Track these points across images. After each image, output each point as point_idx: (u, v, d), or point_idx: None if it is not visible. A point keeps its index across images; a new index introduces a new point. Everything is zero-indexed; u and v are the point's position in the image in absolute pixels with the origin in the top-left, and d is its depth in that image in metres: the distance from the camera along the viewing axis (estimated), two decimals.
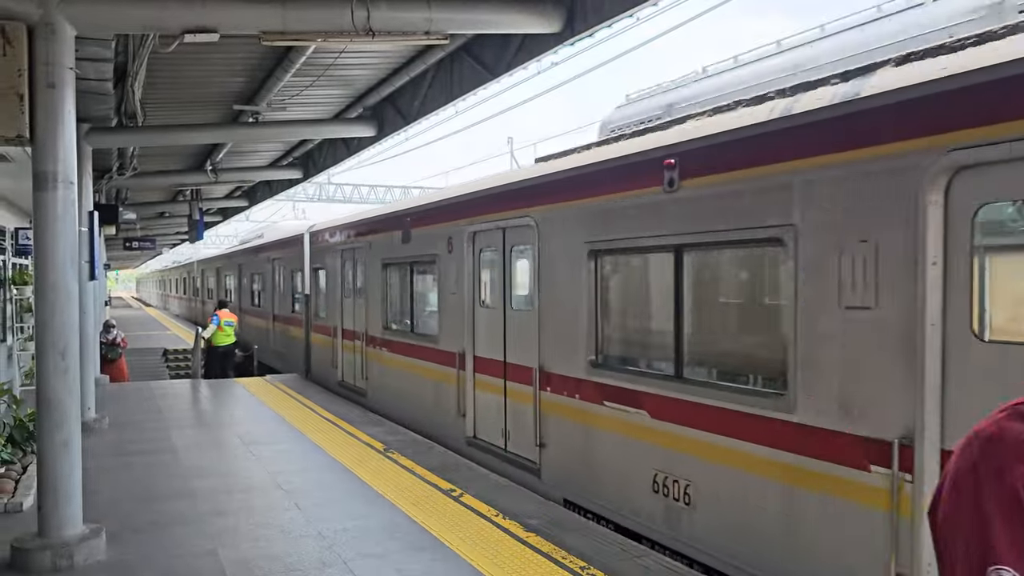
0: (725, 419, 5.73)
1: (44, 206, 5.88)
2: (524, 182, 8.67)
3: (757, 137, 5.48)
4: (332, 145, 15.49)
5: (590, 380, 7.37)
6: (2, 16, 5.64)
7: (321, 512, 7.20)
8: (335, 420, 11.88)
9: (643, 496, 6.58)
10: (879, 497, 4.59)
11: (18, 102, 5.66)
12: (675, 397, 6.26)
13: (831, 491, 4.91)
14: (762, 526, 5.44)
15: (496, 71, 8.98)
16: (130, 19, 6.44)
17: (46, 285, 5.92)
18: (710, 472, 5.91)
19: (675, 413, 6.26)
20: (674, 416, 6.27)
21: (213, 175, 17.05)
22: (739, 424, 5.60)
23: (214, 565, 5.92)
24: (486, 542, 6.36)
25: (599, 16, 7.21)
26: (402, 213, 12.23)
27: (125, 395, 14.98)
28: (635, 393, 6.74)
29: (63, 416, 5.96)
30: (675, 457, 6.27)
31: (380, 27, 6.84)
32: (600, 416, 7.21)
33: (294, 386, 15.93)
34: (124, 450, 10.01)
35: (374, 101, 12.01)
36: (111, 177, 15.51)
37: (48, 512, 5.93)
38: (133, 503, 7.61)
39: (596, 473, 7.34)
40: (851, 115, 4.87)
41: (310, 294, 17.51)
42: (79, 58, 7.46)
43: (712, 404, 5.88)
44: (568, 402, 7.70)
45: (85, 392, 11.30)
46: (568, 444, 7.76)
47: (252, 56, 9.59)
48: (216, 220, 30.91)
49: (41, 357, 5.96)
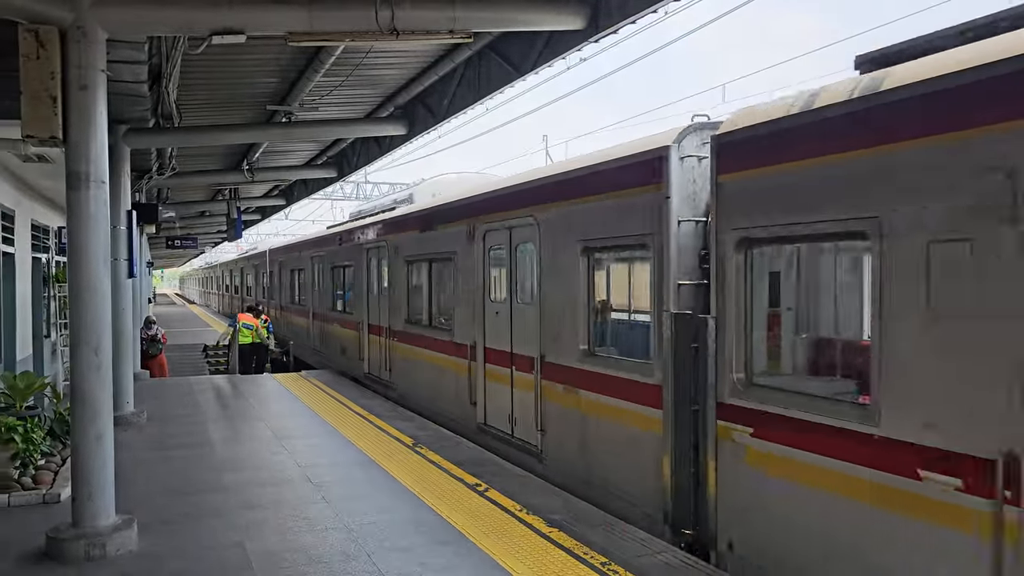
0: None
1: (77, 205, 6.04)
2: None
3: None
4: (365, 144, 15.64)
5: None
6: (35, 20, 5.80)
7: (348, 506, 7.30)
8: (366, 415, 12.02)
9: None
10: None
11: (51, 104, 5.82)
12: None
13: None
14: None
15: (522, 69, 9.00)
16: (160, 21, 6.57)
17: (80, 282, 6.09)
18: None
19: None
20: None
21: (249, 175, 17.30)
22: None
23: (241, 557, 6.04)
24: (509, 537, 6.40)
25: (623, 13, 7.20)
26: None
27: (164, 390, 15.30)
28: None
29: (96, 410, 6.12)
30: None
31: (405, 26, 6.90)
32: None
33: (327, 381, 16.14)
34: (160, 443, 10.24)
35: (404, 100, 12.11)
36: (151, 177, 15.81)
37: (82, 503, 6.10)
38: (167, 495, 7.79)
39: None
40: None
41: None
42: (114, 61, 7.67)
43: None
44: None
45: (124, 387, 11.63)
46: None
47: (283, 57, 9.73)
48: (255, 219, 31.38)
49: (75, 353, 6.13)
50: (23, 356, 11.08)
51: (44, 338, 12.82)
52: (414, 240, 13.13)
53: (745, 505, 5.80)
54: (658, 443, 6.75)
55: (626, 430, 7.27)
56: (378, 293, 15.26)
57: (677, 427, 6.52)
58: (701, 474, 6.27)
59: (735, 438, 5.87)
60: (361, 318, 16.24)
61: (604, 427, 7.63)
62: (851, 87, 5.08)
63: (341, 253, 18.13)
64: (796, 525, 5.33)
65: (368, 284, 15.93)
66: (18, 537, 6.50)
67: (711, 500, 6.12)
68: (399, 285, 13.93)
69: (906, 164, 4.59)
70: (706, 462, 6.19)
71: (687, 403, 6.42)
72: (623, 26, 7.27)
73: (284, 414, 12.33)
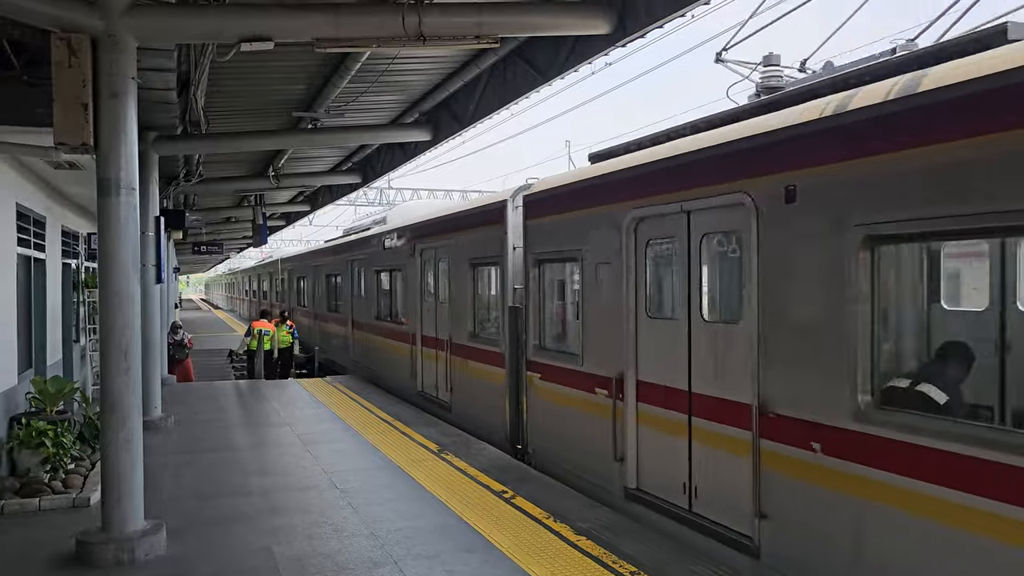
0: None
1: (107, 212, 6.09)
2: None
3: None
4: (389, 150, 15.70)
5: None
6: (68, 28, 5.86)
7: (374, 512, 7.29)
8: (391, 420, 12.02)
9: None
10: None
11: (82, 111, 5.87)
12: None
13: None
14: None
15: (548, 74, 8.99)
16: (189, 29, 6.63)
17: (109, 288, 6.13)
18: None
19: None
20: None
21: (275, 181, 17.43)
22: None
23: (268, 562, 6.05)
24: (536, 545, 6.35)
25: (651, 17, 7.16)
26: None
27: (191, 394, 15.42)
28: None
29: (125, 414, 6.16)
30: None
31: (431, 32, 6.91)
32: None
33: (352, 386, 16.17)
34: (188, 448, 10.30)
35: (429, 106, 12.14)
36: (178, 183, 15.99)
37: (111, 507, 6.13)
38: (194, 500, 7.83)
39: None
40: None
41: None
42: (144, 69, 7.74)
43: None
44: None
45: (152, 391, 11.72)
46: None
47: (310, 63, 9.79)
48: (280, 224, 31.61)
49: (105, 357, 6.18)
50: (53, 361, 11.19)
51: (74, 343, 12.96)
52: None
53: (537, 423, 9.31)
54: (503, 390, 10.12)
55: (489, 384, 10.61)
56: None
57: (511, 379, 9.93)
58: (521, 408, 9.59)
59: (533, 381, 9.31)
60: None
61: (480, 383, 11.00)
62: (577, 175, 8.67)
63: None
64: (552, 428, 8.94)
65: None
66: (48, 541, 6.55)
67: (524, 423, 9.54)
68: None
69: (590, 222, 7.96)
70: (522, 399, 9.59)
71: (516, 363, 9.73)
72: (650, 30, 7.23)
73: (309, 419, 12.37)
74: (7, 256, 8.53)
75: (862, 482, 4.83)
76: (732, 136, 6.08)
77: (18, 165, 8.97)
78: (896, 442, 4.61)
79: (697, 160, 6.45)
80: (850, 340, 4.91)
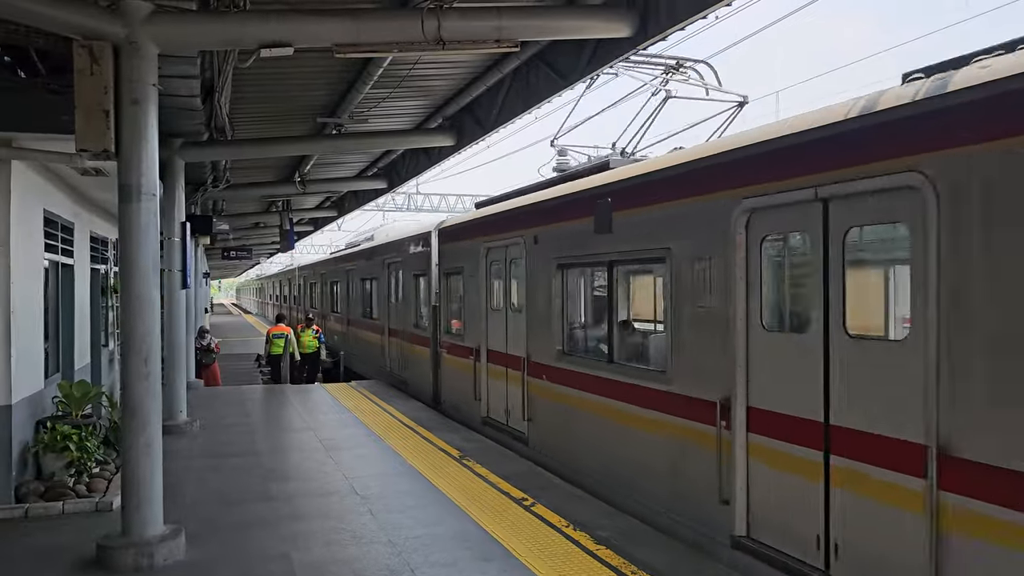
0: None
1: (128, 217, 6.13)
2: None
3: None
4: (414, 155, 15.72)
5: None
6: (90, 36, 5.91)
7: (393, 518, 7.25)
8: (413, 426, 12.00)
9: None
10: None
11: (104, 118, 5.92)
12: None
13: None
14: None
15: (570, 78, 8.92)
16: (209, 36, 6.66)
17: (130, 293, 6.17)
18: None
19: None
20: None
21: (301, 186, 17.54)
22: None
23: (286, 568, 6.03)
24: (555, 554, 6.27)
25: (672, 19, 7.06)
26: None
27: (217, 399, 15.53)
28: None
29: (145, 420, 6.18)
30: None
31: (451, 36, 6.88)
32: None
33: (376, 391, 16.21)
34: (211, 452, 10.36)
35: (453, 111, 12.13)
36: (206, 189, 16.14)
37: (131, 512, 6.16)
38: (216, 505, 7.85)
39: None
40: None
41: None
42: (168, 76, 7.81)
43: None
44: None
45: (177, 396, 11.83)
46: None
47: (332, 69, 9.80)
48: (308, 230, 31.85)
49: (125, 362, 6.21)
50: (81, 365, 11.31)
51: (102, 347, 13.10)
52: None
53: (446, 385, 14.02)
54: (429, 363, 14.68)
55: (422, 359, 15.23)
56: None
57: (433, 355, 14.52)
58: (438, 375, 14.40)
59: (442, 355, 14.07)
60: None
61: (417, 360, 15.71)
62: (459, 218, 14.01)
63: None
64: (453, 385, 13.54)
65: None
66: (70, 544, 6.60)
67: (441, 386, 14.26)
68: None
69: (467, 248, 12.53)
70: (438, 369, 14.38)
71: (435, 345, 14.43)
72: (672, 32, 7.13)
73: (332, 424, 12.39)
74: (34, 262, 8.63)
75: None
76: (523, 202, 10.59)
77: (46, 172, 9.07)
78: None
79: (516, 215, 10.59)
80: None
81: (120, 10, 6.00)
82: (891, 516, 4.80)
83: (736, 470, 6.04)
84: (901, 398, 4.72)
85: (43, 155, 7.75)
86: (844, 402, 5.17)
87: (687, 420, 6.71)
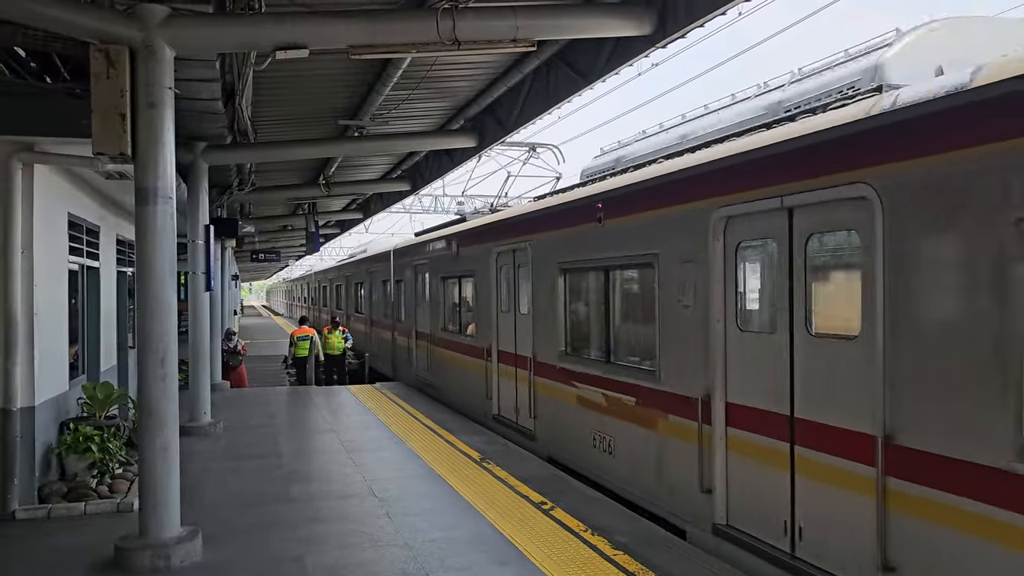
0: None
1: (145, 220, 6.16)
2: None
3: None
4: (436, 157, 15.71)
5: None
6: (106, 40, 5.94)
7: (411, 521, 7.22)
8: (435, 428, 11.98)
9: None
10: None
11: (120, 121, 5.95)
12: None
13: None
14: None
15: (589, 77, 8.83)
16: (224, 39, 6.66)
17: (147, 295, 6.19)
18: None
19: None
20: None
21: (326, 189, 17.61)
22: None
23: (300, 571, 6.02)
24: (571, 559, 6.19)
25: (691, 16, 6.96)
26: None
27: (241, 400, 15.64)
28: None
29: (162, 422, 6.20)
30: None
31: (466, 37, 6.83)
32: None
33: (399, 393, 16.23)
34: (233, 454, 10.41)
35: (474, 112, 12.09)
36: (231, 192, 16.26)
37: (148, 513, 6.18)
38: (235, 506, 7.87)
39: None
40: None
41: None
42: (188, 79, 7.86)
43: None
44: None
45: (201, 397, 11.90)
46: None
47: (351, 71, 9.81)
48: (334, 232, 32.00)
49: (142, 364, 6.24)
50: (107, 367, 11.43)
51: (128, 349, 13.23)
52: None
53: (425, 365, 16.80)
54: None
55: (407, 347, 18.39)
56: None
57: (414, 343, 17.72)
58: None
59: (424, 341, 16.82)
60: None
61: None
62: (400, 241, 20.95)
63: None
64: (442, 369, 15.42)
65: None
66: (91, 545, 6.64)
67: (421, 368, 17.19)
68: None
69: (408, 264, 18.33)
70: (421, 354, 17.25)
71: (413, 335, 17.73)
72: (691, 30, 7.03)
73: (355, 426, 12.40)
74: (58, 265, 8.72)
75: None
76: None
77: (71, 176, 9.18)
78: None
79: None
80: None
81: (136, 14, 6.03)
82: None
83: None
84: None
85: (64, 159, 7.83)
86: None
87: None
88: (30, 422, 7.64)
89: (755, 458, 6.09)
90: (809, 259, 5.63)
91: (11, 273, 7.44)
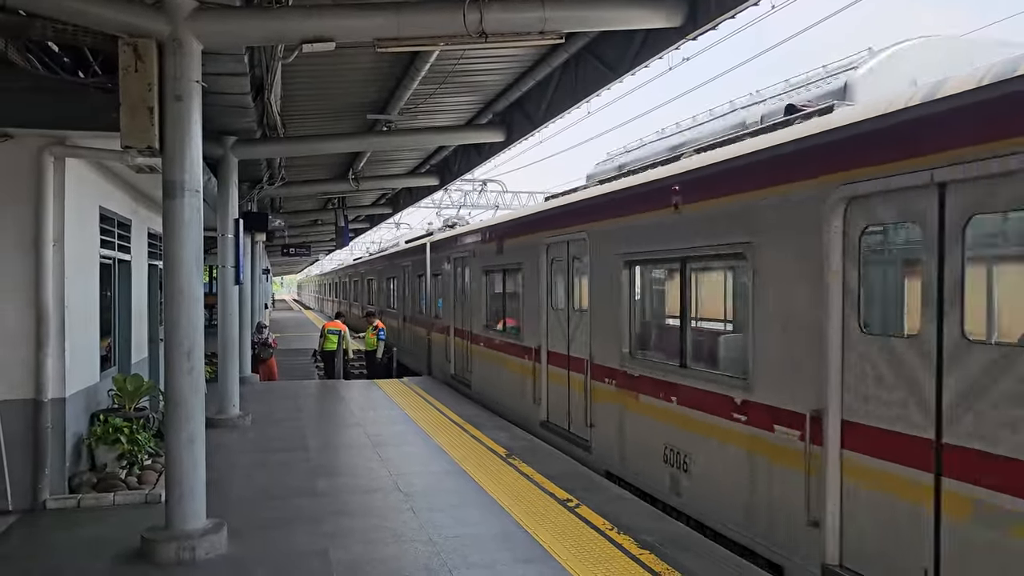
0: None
1: (172, 213, 6.18)
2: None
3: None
4: (465, 152, 15.70)
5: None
6: (134, 34, 5.96)
7: (435, 517, 7.18)
8: (462, 423, 11.95)
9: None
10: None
11: (148, 115, 5.97)
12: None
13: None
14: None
15: (619, 70, 8.74)
16: (251, 32, 6.67)
17: (174, 288, 6.22)
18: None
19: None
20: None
21: (355, 183, 17.68)
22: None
23: (323, 565, 6.01)
24: (596, 558, 6.11)
25: (721, 8, 6.84)
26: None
27: (271, 393, 15.74)
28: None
29: (188, 414, 6.22)
30: None
31: (493, 29, 6.77)
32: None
33: (427, 388, 16.23)
34: (260, 447, 10.46)
35: (503, 106, 12.05)
36: (262, 187, 16.38)
37: (173, 505, 6.21)
38: (262, 499, 7.90)
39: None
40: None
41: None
42: (217, 73, 7.89)
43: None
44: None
45: (230, 390, 11.98)
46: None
47: (380, 65, 9.81)
48: (364, 227, 32.18)
49: (168, 357, 6.26)
50: (139, 359, 11.54)
51: (159, 342, 13.36)
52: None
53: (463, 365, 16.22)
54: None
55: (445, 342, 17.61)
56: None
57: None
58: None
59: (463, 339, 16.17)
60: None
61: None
62: (430, 238, 20.34)
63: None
64: (481, 369, 14.46)
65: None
66: (118, 536, 6.68)
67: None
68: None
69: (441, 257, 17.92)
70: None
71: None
72: (722, 21, 6.90)
73: (382, 421, 12.41)
74: (90, 259, 8.80)
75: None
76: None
77: (103, 170, 9.26)
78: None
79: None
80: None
81: (164, 7, 6.04)
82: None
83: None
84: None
85: (95, 153, 7.89)
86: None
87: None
88: (61, 413, 7.72)
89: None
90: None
91: (43, 266, 7.52)
